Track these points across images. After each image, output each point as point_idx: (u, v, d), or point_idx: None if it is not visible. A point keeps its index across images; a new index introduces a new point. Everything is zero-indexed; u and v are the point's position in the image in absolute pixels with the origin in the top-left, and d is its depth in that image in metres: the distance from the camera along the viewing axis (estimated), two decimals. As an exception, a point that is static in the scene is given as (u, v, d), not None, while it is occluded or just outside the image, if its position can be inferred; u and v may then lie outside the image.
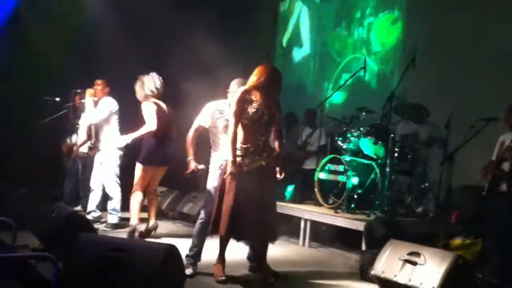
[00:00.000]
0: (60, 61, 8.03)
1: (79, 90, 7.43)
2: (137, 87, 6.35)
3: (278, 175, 4.79)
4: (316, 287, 4.92)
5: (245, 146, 4.63)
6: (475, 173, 5.61)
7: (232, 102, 4.75)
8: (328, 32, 10.40)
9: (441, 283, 4.15)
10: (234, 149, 4.58)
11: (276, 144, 4.82)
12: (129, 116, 7.13)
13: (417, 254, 4.46)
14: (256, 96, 4.64)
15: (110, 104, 7.12)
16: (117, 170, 7.05)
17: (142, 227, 6.38)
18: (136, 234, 6.23)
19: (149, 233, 6.40)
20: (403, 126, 7.38)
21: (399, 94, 7.17)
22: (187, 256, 4.95)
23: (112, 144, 7.03)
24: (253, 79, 4.68)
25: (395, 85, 7.16)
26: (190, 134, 5.30)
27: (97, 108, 7.12)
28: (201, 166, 5.33)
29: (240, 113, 4.61)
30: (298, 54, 11.07)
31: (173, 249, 3.85)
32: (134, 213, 6.24)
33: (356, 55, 9.72)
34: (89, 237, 4.29)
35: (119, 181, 7.06)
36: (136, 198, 6.29)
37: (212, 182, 5.08)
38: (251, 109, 4.61)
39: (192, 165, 5.29)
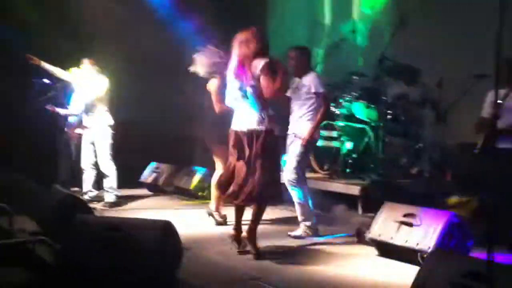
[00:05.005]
0: (44, 40, 7.88)
1: (67, 70, 7.33)
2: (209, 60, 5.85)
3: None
4: (314, 253, 4.94)
5: None
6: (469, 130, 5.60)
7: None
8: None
9: (436, 242, 4.19)
10: None
11: None
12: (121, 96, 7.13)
13: (412, 215, 4.49)
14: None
15: (103, 81, 7.01)
16: (110, 149, 6.99)
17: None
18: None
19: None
20: (395, 88, 7.34)
21: (389, 55, 7.12)
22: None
23: (105, 122, 6.99)
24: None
25: (386, 46, 7.10)
26: None
27: (90, 86, 6.98)
28: None
29: None
30: (288, 20, 10.93)
31: (169, 225, 3.87)
32: None
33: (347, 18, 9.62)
34: (85, 218, 4.32)
35: (112, 159, 7.02)
36: None
37: None
38: None
39: None
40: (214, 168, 6.07)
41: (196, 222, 6.10)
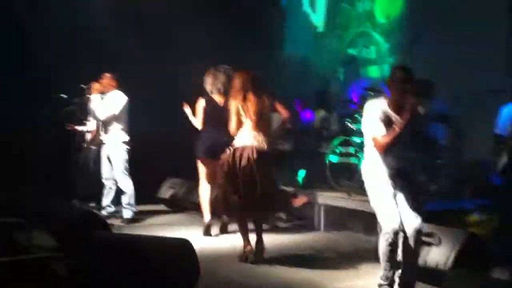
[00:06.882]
0: (63, 55, 7.96)
1: (85, 86, 7.39)
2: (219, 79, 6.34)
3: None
4: (333, 270, 4.91)
5: None
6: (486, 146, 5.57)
7: None
8: (330, 6, 10.27)
9: (454, 262, 4.13)
10: None
11: None
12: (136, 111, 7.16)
13: (431, 234, 4.43)
14: None
15: (121, 99, 7.05)
16: (127, 165, 7.02)
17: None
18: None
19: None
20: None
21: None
22: None
23: (120, 139, 7.02)
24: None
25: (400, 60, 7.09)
26: None
27: (107, 102, 7.04)
28: None
29: None
30: (302, 32, 10.91)
31: (186, 243, 3.86)
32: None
33: (361, 29, 9.57)
34: (103, 235, 4.34)
35: (129, 175, 7.03)
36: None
37: None
38: None
39: None
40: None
41: (214, 239, 6.10)
